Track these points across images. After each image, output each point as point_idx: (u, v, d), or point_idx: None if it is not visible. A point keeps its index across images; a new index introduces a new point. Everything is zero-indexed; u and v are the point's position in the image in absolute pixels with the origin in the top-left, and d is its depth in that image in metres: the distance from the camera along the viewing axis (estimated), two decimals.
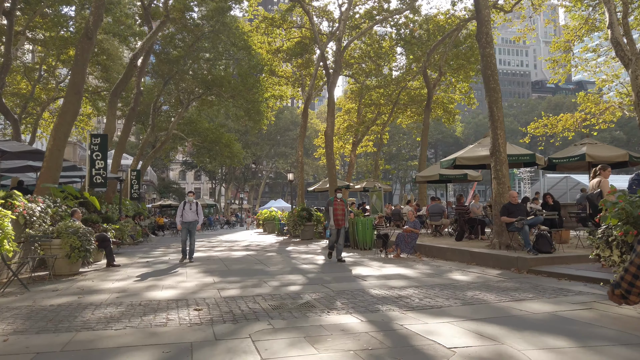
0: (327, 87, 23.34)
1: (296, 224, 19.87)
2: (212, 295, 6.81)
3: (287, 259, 11.91)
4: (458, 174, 16.23)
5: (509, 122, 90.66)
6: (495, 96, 10.46)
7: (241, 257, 12.95)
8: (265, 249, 15.61)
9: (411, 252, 11.79)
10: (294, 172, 26.10)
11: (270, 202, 57.49)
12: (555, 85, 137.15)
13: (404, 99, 30.36)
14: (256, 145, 64.80)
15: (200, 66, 36.10)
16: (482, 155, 11.12)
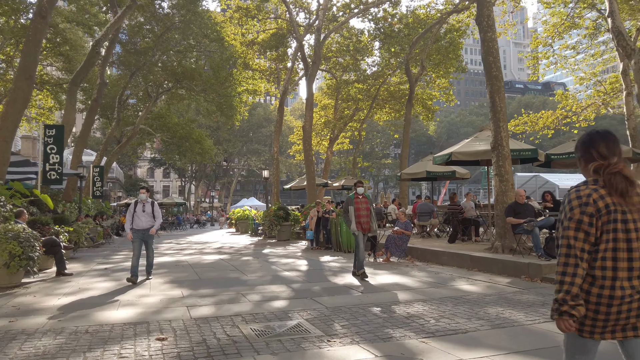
0: (306, 79, 22.16)
1: (272, 224, 18.63)
2: (180, 316, 5.55)
3: (266, 265, 10.69)
4: (446, 171, 15.34)
5: (481, 121, 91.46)
6: (498, 85, 9.52)
7: (214, 262, 11.64)
8: (240, 252, 14.32)
9: (402, 256, 10.76)
10: (269, 170, 24.84)
11: (243, 200, 55.86)
12: (524, 85, 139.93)
13: (383, 94, 29.44)
14: (228, 142, 62.93)
15: (170, 58, 34.28)
16: (481, 150, 10.18)
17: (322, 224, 14.15)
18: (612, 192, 2.04)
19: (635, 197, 2.05)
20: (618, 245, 2.02)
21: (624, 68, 19.88)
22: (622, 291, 2.00)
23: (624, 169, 2.06)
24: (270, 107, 74.85)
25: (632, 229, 2.02)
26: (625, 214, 2.03)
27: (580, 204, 2.03)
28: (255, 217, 23.69)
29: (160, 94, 35.48)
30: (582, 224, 2.02)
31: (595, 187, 2.06)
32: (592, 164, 2.12)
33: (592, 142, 2.16)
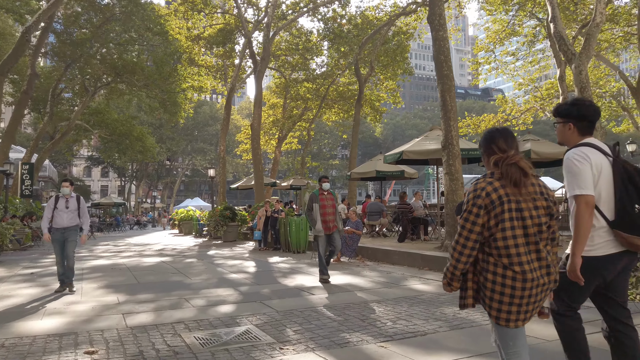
0: (255, 76, 21.62)
1: (218, 224, 17.97)
2: (114, 325, 5.00)
3: (211, 267, 10.15)
4: (395, 170, 15.37)
5: (425, 124, 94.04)
6: (449, 84, 9.53)
7: (154, 264, 10.94)
8: (184, 254, 13.63)
9: (353, 256, 10.57)
10: (216, 169, 24.04)
11: (187, 200, 54.15)
12: (465, 90, 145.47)
13: (332, 94, 29.37)
14: (172, 140, 60.84)
15: (110, 51, 32.50)
16: (432, 149, 10.18)
17: (270, 223, 13.73)
18: (508, 181, 2.21)
19: (530, 187, 2.23)
20: (516, 232, 2.19)
21: (560, 74, 20.87)
22: (531, 274, 2.16)
23: (520, 160, 2.23)
24: (217, 105, 73.22)
25: (527, 217, 2.19)
26: (519, 202, 2.20)
27: (474, 197, 2.23)
28: (199, 218, 22.84)
29: (99, 88, 33.61)
30: (470, 215, 2.21)
31: (491, 180, 2.24)
32: (492, 156, 2.31)
33: (492, 138, 2.37)
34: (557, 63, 21.09)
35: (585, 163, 2.54)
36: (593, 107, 2.74)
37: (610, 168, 2.59)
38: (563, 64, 21.08)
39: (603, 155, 2.60)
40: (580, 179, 2.53)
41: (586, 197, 2.50)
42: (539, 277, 2.19)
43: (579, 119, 2.70)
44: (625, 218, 2.51)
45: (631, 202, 2.52)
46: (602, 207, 2.57)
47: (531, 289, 2.16)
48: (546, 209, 2.26)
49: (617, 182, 2.56)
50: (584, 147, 2.62)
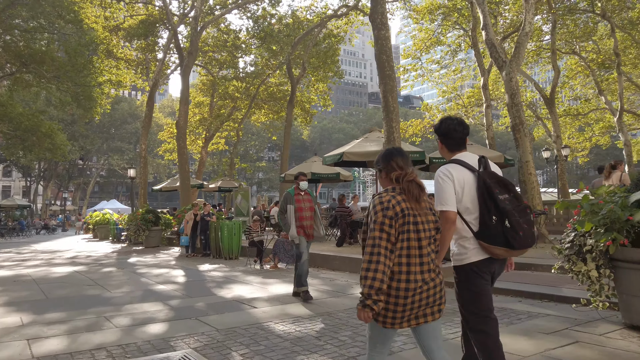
0: (181, 70, 20.39)
1: (139, 228, 16.60)
2: (16, 356, 4.07)
3: (134, 277, 9.12)
4: (330, 172, 15.03)
5: (351, 128, 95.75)
6: (391, 84, 9.32)
7: (66, 275, 9.68)
8: (100, 262, 12.30)
9: (291, 262, 9.99)
10: (136, 169, 22.39)
11: (102, 203, 50.50)
12: None
13: (262, 94, 28.61)
14: (85, 138, 56.59)
15: (15, 38, 29.36)
16: (372, 150, 9.90)
17: (200, 228, 12.80)
18: (409, 197, 2.36)
19: (423, 203, 2.41)
20: (411, 244, 2.33)
21: (484, 82, 21.79)
22: (415, 283, 2.30)
23: (416, 177, 2.42)
24: (137, 102, 69.30)
25: (422, 230, 2.36)
26: (416, 217, 2.36)
27: (383, 209, 2.33)
28: (118, 222, 21.11)
29: (1, 79, 30.29)
30: (384, 226, 2.30)
31: (394, 194, 2.37)
32: (393, 173, 2.44)
33: (392, 155, 2.50)
34: (480, 72, 22.01)
35: (447, 181, 2.70)
36: (455, 124, 2.86)
37: (474, 182, 2.72)
38: (486, 73, 22.06)
39: (469, 170, 2.74)
40: (442, 196, 2.69)
41: (446, 212, 2.67)
42: (425, 283, 2.34)
43: (444, 137, 2.88)
44: (485, 229, 2.66)
45: (489, 214, 2.65)
46: (468, 219, 2.72)
47: (414, 295, 2.31)
48: (435, 222, 2.46)
49: (479, 196, 2.69)
50: (450, 164, 2.79)
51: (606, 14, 21.95)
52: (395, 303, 2.30)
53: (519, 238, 2.62)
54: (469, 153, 2.85)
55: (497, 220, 2.63)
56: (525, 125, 11.75)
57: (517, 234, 2.61)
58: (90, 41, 29.38)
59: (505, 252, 2.67)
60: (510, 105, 11.73)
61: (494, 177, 2.72)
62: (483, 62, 21.89)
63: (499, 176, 2.76)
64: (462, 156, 2.83)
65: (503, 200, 2.66)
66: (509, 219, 2.62)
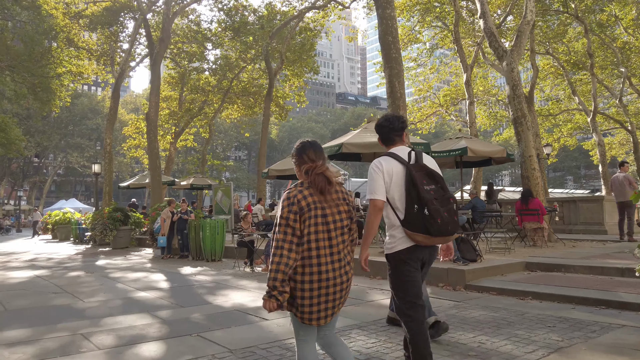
0: (151, 59, 18.99)
1: (106, 228, 15.21)
2: None
3: (108, 282, 7.95)
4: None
5: (319, 127, 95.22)
6: (398, 68, 8.53)
7: (27, 281, 8.39)
8: (64, 265, 10.96)
9: None
10: (101, 164, 20.78)
11: (60, 202, 47.76)
12: (355, 98, 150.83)
13: (235, 88, 27.38)
14: (42, 134, 53.50)
15: None
16: (375, 141, 9.06)
17: (177, 227, 11.63)
18: (315, 190, 2.45)
19: (334, 195, 2.50)
20: (319, 236, 2.41)
21: (467, 79, 21.40)
22: (327, 274, 2.37)
23: (326, 171, 2.50)
24: (98, 97, 66.26)
25: (331, 222, 2.44)
26: (324, 209, 2.45)
27: (289, 204, 2.41)
28: (81, 221, 19.49)
29: None
30: (289, 220, 2.37)
31: (301, 189, 2.46)
32: (304, 165, 2.52)
33: (304, 148, 2.58)
34: (463, 68, 21.62)
35: (378, 172, 2.85)
36: (383, 120, 3.04)
37: (403, 173, 2.83)
38: (469, 69, 21.70)
39: (399, 162, 2.86)
40: (372, 185, 2.85)
41: (375, 201, 2.83)
42: (337, 276, 2.40)
43: (379, 132, 3.08)
44: (408, 217, 2.78)
45: (412, 203, 2.77)
46: (396, 208, 2.84)
47: (327, 287, 2.36)
48: (347, 212, 2.52)
49: (406, 186, 2.80)
50: (383, 157, 2.94)
51: (579, 16, 21.98)
52: (310, 297, 2.35)
53: (436, 225, 2.72)
54: (404, 147, 2.98)
55: (418, 209, 2.75)
56: (527, 118, 11.22)
57: (435, 221, 2.72)
58: (49, 28, 27.44)
59: (424, 239, 2.79)
60: (512, 97, 11.16)
61: (422, 169, 2.84)
62: (466, 58, 21.50)
63: (428, 168, 2.88)
64: (396, 150, 2.96)
65: (427, 190, 2.77)
66: (428, 207, 2.73)
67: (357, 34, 49.82)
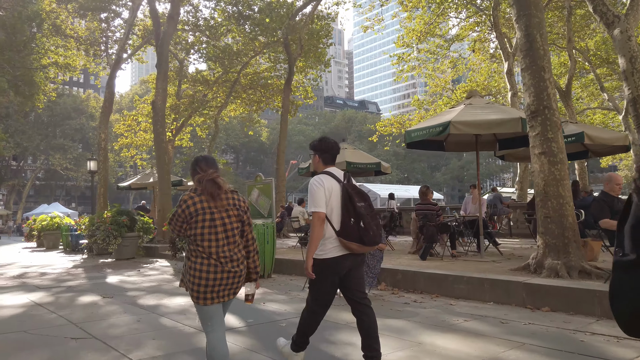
0: (158, 40, 16.45)
1: (110, 235, 12.62)
2: None
3: (144, 315, 5.49)
4: (370, 162, 11.84)
5: (310, 130, 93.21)
6: (539, 17, 6.30)
7: (23, 312, 5.88)
8: (67, 284, 8.40)
9: (374, 284, 6.71)
10: (98, 161, 18.07)
11: (42, 206, 44.51)
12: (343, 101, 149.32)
13: (243, 80, 24.93)
14: (22, 134, 50.02)
15: None
16: (494, 119, 6.80)
17: None
18: (206, 194, 2.85)
19: (224, 201, 2.90)
20: (205, 237, 2.83)
21: (509, 68, 19.40)
22: (212, 267, 2.82)
23: (216, 177, 2.90)
24: (82, 95, 62.87)
25: (219, 224, 2.86)
26: (213, 213, 2.86)
27: (179, 207, 2.89)
28: (74, 227, 16.77)
29: None
30: (178, 221, 2.90)
31: (193, 195, 2.88)
32: (196, 175, 2.94)
33: (196, 162, 3.03)
34: (504, 56, 19.64)
35: (320, 187, 3.26)
36: (333, 143, 3.52)
37: (339, 190, 3.28)
38: (511, 56, 19.65)
39: (336, 180, 3.32)
40: (315, 199, 3.25)
41: (318, 213, 3.23)
42: (225, 266, 2.83)
43: (323, 152, 3.47)
44: (345, 228, 3.21)
45: (349, 216, 3.22)
46: (332, 221, 3.26)
47: (216, 272, 2.80)
48: (237, 216, 2.95)
49: (342, 202, 3.25)
50: (323, 174, 3.37)
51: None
52: (198, 284, 2.79)
53: (369, 236, 3.21)
54: (336, 168, 3.44)
55: (354, 222, 3.21)
56: None
57: (368, 233, 3.20)
58: (33, 14, 24.65)
59: (358, 247, 3.23)
60: (630, 72, 9.04)
61: (354, 189, 3.31)
62: (506, 45, 19.49)
63: (358, 188, 3.36)
64: (331, 169, 3.40)
65: (360, 206, 3.23)
66: (363, 221, 3.21)
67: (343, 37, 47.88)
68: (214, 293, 2.80)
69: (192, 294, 2.84)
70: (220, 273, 2.79)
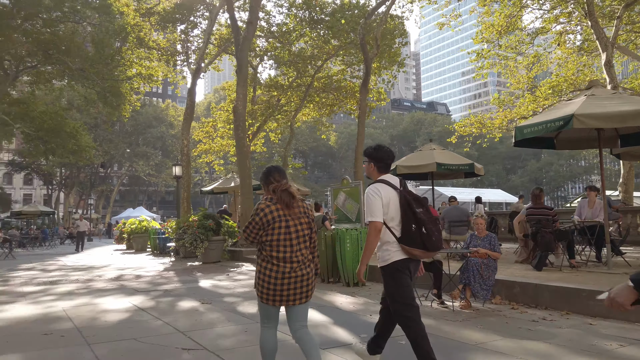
0: (237, 46, 16.66)
1: (197, 238, 12.81)
2: None
3: (250, 324, 5.26)
4: (462, 163, 11.11)
5: (378, 134, 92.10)
6: None
7: (127, 318, 5.87)
8: (163, 288, 8.47)
9: (488, 297, 6.06)
10: (182, 166, 18.63)
11: (128, 210, 47.24)
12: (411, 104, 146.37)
13: (317, 83, 24.83)
14: (109, 143, 53.50)
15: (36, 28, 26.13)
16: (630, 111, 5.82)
17: None
18: (281, 203, 3.04)
19: (296, 209, 3.08)
20: (280, 242, 3.01)
21: (607, 59, 17.72)
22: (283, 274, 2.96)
23: (289, 187, 3.09)
24: (162, 105, 66.33)
25: (292, 231, 3.03)
26: (288, 220, 3.04)
27: (255, 214, 3.06)
28: (161, 230, 17.35)
29: (22, 72, 27.08)
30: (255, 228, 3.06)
31: (269, 204, 3.06)
32: (271, 185, 3.12)
33: (270, 172, 3.19)
34: (601, 47, 17.95)
35: (376, 197, 3.29)
36: (388, 152, 3.53)
37: (397, 198, 3.31)
38: (610, 47, 17.95)
39: (392, 188, 3.34)
40: (372, 209, 3.28)
41: (375, 223, 3.27)
42: (298, 271, 3.00)
43: (378, 161, 3.50)
44: (407, 235, 3.26)
45: (410, 223, 3.26)
46: (392, 227, 3.30)
47: (283, 278, 2.96)
48: (307, 223, 3.14)
49: (401, 209, 3.28)
50: (379, 183, 3.40)
51: None
52: (267, 287, 2.96)
53: (431, 242, 3.25)
54: (391, 175, 3.48)
55: (415, 228, 3.24)
56: None
57: (430, 239, 3.25)
58: (119, 29, 26.02)
59: (421, 253, 3.29)
60: None
61: (412, 195, 3.37)
62: (604, 34, 17.84)
63: (415, 194, 3.42)
64: (386, 177, 3.43)
65: (419, 212, 3.27)
66: (425, 227, 3.24)
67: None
68: (282, 297, 2.97)
69: (259, 295, 3.03)
70: (288, 278, 2.94)
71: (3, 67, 26.02)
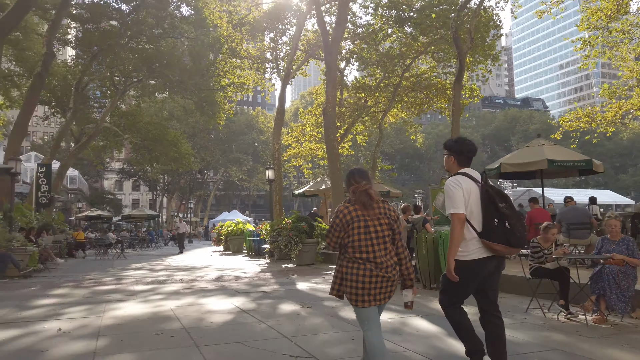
0: (326, 48, 16.64)
1: (291, 241, 12.87)
2: None
3: (355, 332, 4.99)
4: (577, 160, 10.07)
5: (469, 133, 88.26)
6: None
7: (231, 319, 5.86)
8: (262, 289, 8.50)
9: (627, 310, 5.23)
10: (274, 168, 19.01)
11: (223, 214, 49.49)
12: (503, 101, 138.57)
13: (405, 82, 24.19)
14: (206, 150, 56.58)
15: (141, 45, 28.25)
16: None
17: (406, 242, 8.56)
18: (359, 203, 3.06)
19: (375, 210, 3.06)
20: (362, 243, 3.01)
21: None
22: (368, 274, 2.96)
23: (369, 189, 3.07)
24: (252, 112, 69.01)
25: (372, 231, 3.02)
26: (367, 221, 3.04)
27: (336, 217, 3.11)
28: (257, 233, 17.79)
29: (129, 87, 29.39)
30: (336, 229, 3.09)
31: (348, 205, 3.10)
32: (351, 187, 3.14)
33: (352, 174, 3.20)
34: None
35: (458, 188, 3.22)
36: (470, 145, 3.42)
37: (478, 191, 3.23)
38: None
39: (473, 181, 3.26)
40: (454, 200, 3.21)
41: (458, 214, 3.19)
42: (380, 271, 2.97)
43: (459, 154, 3.40)
44: (488, 229, 3.16)
45: (492, 217, 3.17)
46: (473, 222, 3.22)
47: (371, 277, 2.96)
48: (388, 225, 3.08)
49: (482, 203, 3.20)
50: (459, 175, 3.31)
51: None
52: (356, 288, 2.97)
53: (515, 238, 3.15)
54: (471, 169, 3.38)
55: (498, 222, 3.14)
56: None
57: (514, 234, 3.15)
58: (214, 40, 27.31)
59: (504, 249, 3.18)
60: None
61: (494, 188, 3.28)
62: None
63: (497, 188, 3.32)
64: (467, 170, 3.35)
65: (502, 207, 3.19)
66: (509, 222, 3.16)
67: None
68: (371, 296, 2.96)
69: (350, 298, 3.01)
70: (375, 277, 2.95)
71: (114, 83, 28.42)
